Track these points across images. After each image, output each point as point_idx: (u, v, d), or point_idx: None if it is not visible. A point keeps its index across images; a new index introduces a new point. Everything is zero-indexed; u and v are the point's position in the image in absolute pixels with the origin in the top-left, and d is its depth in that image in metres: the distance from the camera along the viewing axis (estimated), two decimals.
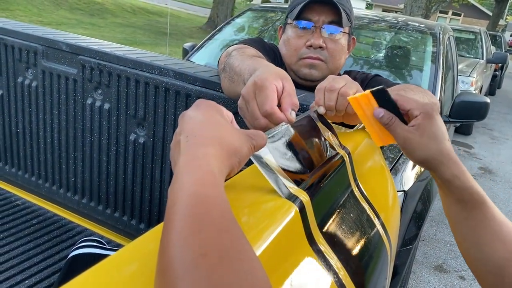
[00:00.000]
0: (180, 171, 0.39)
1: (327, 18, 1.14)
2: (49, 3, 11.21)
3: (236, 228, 0.35)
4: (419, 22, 2.80)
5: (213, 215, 0.34)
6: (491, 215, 0.63)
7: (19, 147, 1.47)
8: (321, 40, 1.14)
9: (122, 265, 0.36)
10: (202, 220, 0.33)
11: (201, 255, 0.30)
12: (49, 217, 1.43)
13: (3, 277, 1.13)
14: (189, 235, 0.32)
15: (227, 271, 0.29)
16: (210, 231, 0.32)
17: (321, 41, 1.14)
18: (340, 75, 1.04)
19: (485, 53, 6.71)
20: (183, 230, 0.32)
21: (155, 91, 1.15)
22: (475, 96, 2.29)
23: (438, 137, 0.64)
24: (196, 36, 10.96)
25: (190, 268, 0.29)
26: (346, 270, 0.57)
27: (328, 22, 1.14)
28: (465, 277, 2.44)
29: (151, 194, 1.25)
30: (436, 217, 3.13)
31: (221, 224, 0.34)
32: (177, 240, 0.32)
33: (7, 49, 1.38)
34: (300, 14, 1.13)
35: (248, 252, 0.33)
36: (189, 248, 0.31)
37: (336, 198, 0.66)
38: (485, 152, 4.99)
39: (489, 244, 0.62)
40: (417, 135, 0.64)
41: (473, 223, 0.63)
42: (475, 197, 0.63)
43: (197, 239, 0.31)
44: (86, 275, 0.34)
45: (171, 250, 0.31)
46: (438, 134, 0.64)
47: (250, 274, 0.30)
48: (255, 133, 0.49)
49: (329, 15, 1.14)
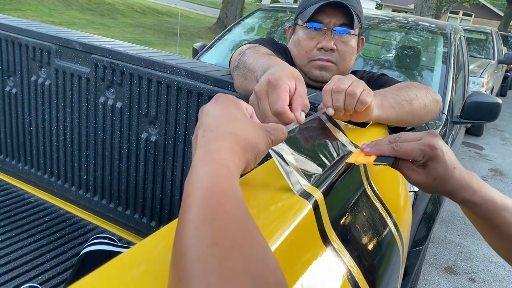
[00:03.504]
0: (196, 165, 0.40)
1: (338, 21, 1.14)
2: (60, 4, 11.32)
3: (248, 219, 0.35)
4: (429, 22, 2.79)
5: (225, 206, 0.35)
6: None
7: (32, 145, 1.48)
8: (332, 42, 1.14)
9: (132, 264, 0.37)
10: (214, 211, 0.34)
11: (213, 244, 0.31)
12: (62, 215, 1.44)
13: (17, 272, 1.15)
14: (201, 225, 0.33)
15: (238, 259, 0.30)
16: (222, 221, 0.33)
17: (332, 43, 1.14)
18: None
19: (496, 54, 6.64)
20: (196, 221, 0.33)
21: (167, 90, 1.16)
22: (486, 97, 2.27)
23: (447, 174, 0.62)
24: (205, 36, 10.99)
25: (202, 257, 0.30)
26: (359, 268, 0.57)
27: (339, 25, 1.14)
28: (475, 279, 2.42)
29: (162, 192, 1.26)
30: (446, 218, 3.11)
31: (233, 214, 0.34)
32: (190, 230, 0.33)
33: (21, 48, 1.40)
34: (312, 16, 1.13)
35: (260, 242, 0.33)
36: (202, 237, 0.32)
37: (349, 197, 0.66)
38: (495, 154, 4.94)
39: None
40: (424, 176, 0.64)
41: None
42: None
43: (209, 229, 0.32)
44: (97, 273, 0.35)
45: (184, 239, 0.32)
46: (447, 171, 0.62)
47: (261, 262, 0.31)
48: (275, 127, 0.50)
49: (341, 18, 1.14)
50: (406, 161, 0.65)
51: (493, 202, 0.62)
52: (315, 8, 1.11)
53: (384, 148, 0.65)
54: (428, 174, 0.63)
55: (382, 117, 0.88)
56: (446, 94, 2.12)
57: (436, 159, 0.62)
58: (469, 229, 2.98)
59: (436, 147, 0.62)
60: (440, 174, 0.62)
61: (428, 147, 0.62)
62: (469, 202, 0.63)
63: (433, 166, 0.62)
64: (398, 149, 0.63)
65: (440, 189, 0.64)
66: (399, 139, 0.65)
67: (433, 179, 0.63)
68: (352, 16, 1.12)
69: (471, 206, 0.64)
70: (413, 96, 0.97)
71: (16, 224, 1.36)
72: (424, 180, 0.63)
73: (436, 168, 0.62)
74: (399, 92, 0.96)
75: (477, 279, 2.43)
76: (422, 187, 0.65)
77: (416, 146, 0.63)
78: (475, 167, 4.35)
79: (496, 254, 2.67)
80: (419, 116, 1.00)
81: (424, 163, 0.63)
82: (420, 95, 1.00)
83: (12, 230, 1.32)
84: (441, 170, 0.62)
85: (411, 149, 0.63)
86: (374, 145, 0.66)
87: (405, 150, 0.63)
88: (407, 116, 0.96)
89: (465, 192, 0.63)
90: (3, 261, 1.19)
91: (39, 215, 1.42)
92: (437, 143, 0.62)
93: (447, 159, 0.62)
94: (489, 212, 0.62)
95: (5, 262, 1.18)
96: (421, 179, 0.64)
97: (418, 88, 1.02)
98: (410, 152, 0.63)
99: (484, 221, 0.64)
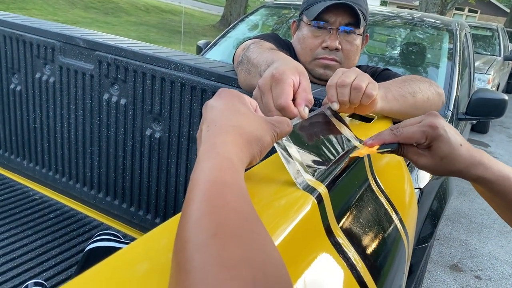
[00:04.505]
0: (200, 159, 0.40)
1: (344, 20, 1.13)
2: (64, 2, 11.35)
3: (250, 210, 0.35)
4: (435, 19, 2.76)
5: (227, 197, 0.35)
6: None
7: (36, 142, 1.49)
8: (337, 42, 1.13)
9: (134, 258, 0.37)
10: (215, 202, 0.34)
11: (212, 234, 0.31)
12: (66, 211, 1.45)
13: (22, 269, 1.15)
14: (202, 216, 0.33)
15: (237, 249, 0.30)
16: (222, 213, 0.33)
17: (337, 43, 1.13)
18: None
19: (502, 50, 6.59)
20: (197, 213, 0.33)
21: (171, 86, 1.16)
22: (492, 93, 2.26)
23: (453, 152, 0.61)
24: (209, 34, 10.99)
25: (201, 248, 0.30)
26: (364, 263, 0.57)
27: (345, 24, 1.13)
28: (481, 277, 2.41)
29: (166, 188, 1.26)
30: (452, 216, 3.10)
31: (233, 206, 0.34)
32: (191, 222, 0.33)
33: (26, 45, 1.40)
34: (318, 14, 1.12)
35: (261, 233, 0.33)
36: (202, 228, 0.32)
37: (353, 191, 0.65)
38: (501, 151, 4.91)
39: None
40: (431, 158, 0.62)
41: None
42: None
43: (209, 220, 0.32)
44: (97, 268, 0.34)
45: (185, 232, 0.32)
46: (453, 149, 0.61)
47: (261, 253, 0.31)
48: (280, 120, 0.50)
49: (346, 17, 1.13)
50: (411, 146, 0.64)
51: (506, 178, 0.61)
52: (323, 7, 1.10)
53: (386, 136, 0.64)
54: (434, 155, 0.62)
55: (385, 109, 0.87)
56: (451, 90, 2.10)
57: (439, 138, 0.60)
58: (475, 227, 2.97)
59: (437, 126, 0.60)
60: (447, 153, 0.61)
61: (429, 127, 0.61)
62: (482, 179, 0.62)
63: (438, 146, 0.61)
64: (399, 134, 0.63)
65: (450, 169, 0.62)
66: (400, 125, 0.65)
67: (440, 160, 0.61)
68: (358, 16, 1.11)
69: (485, 183, 0.62)
70: (417, 89, 0.97)
71: (21, 221, 1.36)
72: (432, 162, 0.62)
73: (440, 148, 0.61)
74: (403, 84, 0.95)
75: (483, 276, 2.42)
76: (431, 170, 0.63)
77: (417, 129, 0.62)
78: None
79: (502, 252, 2.66)
80: (422, 109, 1.00)
81: (428, 144, 0.62)
82: (423, 88, 1.00)
83: (17, 227, 1.33)
84: (447, 149, 0.61)
85: (412, 132, 0.62)
86: (376, 136, 0.65)
87: (406, 134, 0.62)
88: (410, 109, 0.95)
89: (477, 169, 0.61)
90: (8, 257, 1.19)
91: (44, 212, 1.42)
92: (438, 122, 0.61)
93: (451, 137, 0.61)
94: (504, 187, 0.61)
95: (10, 258, 1.19)
96: (429, 162, 0.62)
97: (421, 81, 1.02)
98: (412, 135, 0.62)
99: (499, 197, 0.63)
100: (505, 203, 0.63)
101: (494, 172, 0.61)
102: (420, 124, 0.62)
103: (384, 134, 0.65)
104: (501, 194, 0.62)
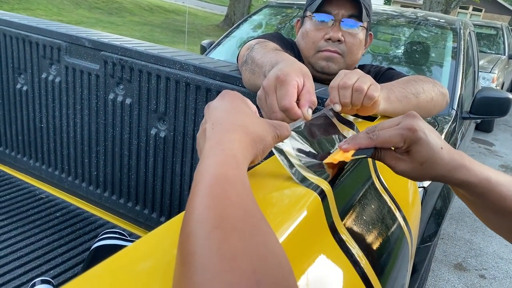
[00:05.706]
0: (205, 155, 0.41)
1: (346, 12, 1.13)
2: (69, 2, 11.40)
3: (252, 204, 0.36)
4: (439, 17, 2.76)
5: (229, 192, 0.35)
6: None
7: (43, 142, 1.50)
8: (340, 33, 1.13)
9: (138, 257, 0.37)
10: (217, 197, 0.35)
11: (213, 227, 0.31)
12: (72, 210, 1.46)
13: (30, 267, 1.17)
14: (204, 210, 0.33)
15: (238, 243, 0.30)
16: (224, 206, 0.34)
17: (340, 34, 1.13)
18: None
19: (507, 49, 6.56)
20: (200, 206, 0.34)
21: (176, 86, 1.17)
22: (497, 92, 2.25)
23: (434, 156, 0.57)
24: (213, 34, 11.00)
25: (203, 241, 0.31)
26: (368, 260, 0.57)
27: (347, 16, 1.14)
28: (485, 276, 2.40)
29: (171, 187, 1.27)
30: (456, 215, 3.09)
31: (235, 200, 0.35)
32: (193, 216, 0.33)
33: (32, 45, 1.41)
34: (320, 7, 1.13)
35: (262, 226, 0.34)
36: (203, 222, 0.32)
37: (357, 189, 0.66)
38: (506, 150, 4.89)
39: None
40: (410, 163, 0.58)
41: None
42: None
43: (211, 214, 0.33)
44: (103, 265, 0.35)
45: (188, 226, 0.33)
46: (433, 152, 0.57)
47: (263, 247, 0.31)
48: (280, 123, 0.51)
49: (349, 9, 1.13)
50: (388, 150, 0.59)
51: (488, 180, 0.58)
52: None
53: (362, 140, 0.59)
54: (413, 160, 0.57)
55: (388, 111, 0.88)
56: (455, 89, 2.10)
57: (419, 142, 0.56)
58: (479, 226, 2.96)
59: (416, 128, 0.56)
60: (427, 157, 0.56)
61: (408, 130, 0.56)
62: (466, 183, 0.58)
63: (417, 150, 0.56)
64: (376, 138, 0.58)
65: (431, 174, 0.58)
66: (377, 128, 0.60)
67: (420, 165, 0.57)
68: (360, 8, 1.12)
69: (468, 187, 0.59)
70: (420, 90, 0.97)
71: (28, 220, 1.38)
72: (411, 167, 0.58)
73: (420, 152, 0.56)
74: (406, 85, 0.95)
75: (488, 275, 2.42)
76: (411, 175, 0.59)
77: (394, 132, 0.57)
78: (485, 163, 4.29)
79: (507, 251, 2.66)
80: (426, 110, 1.00)
81: (407, 148, 0.57)
82: (427, 88, 1.00)
83: (24, 226, 1.34)
84: (427, 153, 0.56)
85: (389, 136, 0.57)
86: (352, 139, 0.61)
87: (383, 137, 0.58)
88: (413, 110, 0.96)
89: (459, 172, 0.58)
90: (16, 255, 1.21)
91: (50, 211, 1.44)
92: (417, 124, 0.56)
93: (431, 140, 0.56)
94: (486, 190, 0.58)
95: (18, 256, 1.20)
96: (408, 167, 0.58)
97: (425, 81, 1.02)
98: (389, 139, 0.57)
99: (481, 199, 0.60)
100: (485, 204, 0.60)
101: (477, 175, 0.58)
102: (398, 126, 0.58)
103: (360, 138, 0.60)
104: (483, 196, 0.59)
